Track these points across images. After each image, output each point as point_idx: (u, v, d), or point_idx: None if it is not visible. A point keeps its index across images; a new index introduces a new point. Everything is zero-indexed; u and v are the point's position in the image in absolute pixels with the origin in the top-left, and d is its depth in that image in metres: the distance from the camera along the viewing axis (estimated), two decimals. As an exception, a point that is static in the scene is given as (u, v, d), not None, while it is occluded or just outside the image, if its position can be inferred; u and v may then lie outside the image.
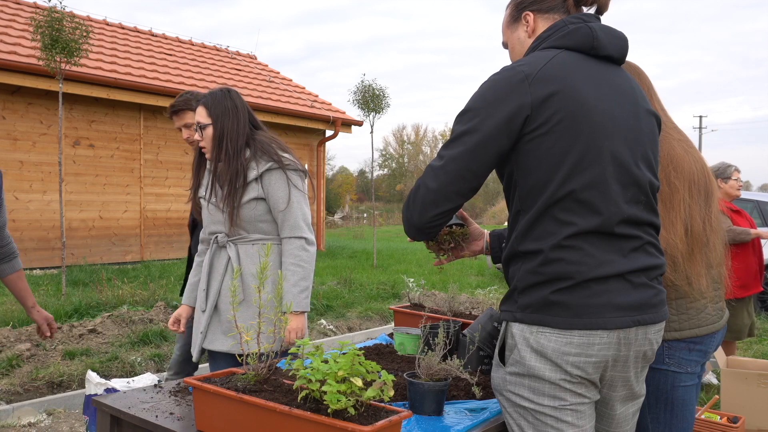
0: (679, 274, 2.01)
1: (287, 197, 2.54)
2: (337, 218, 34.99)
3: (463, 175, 1.60)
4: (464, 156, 1.58)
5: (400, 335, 2.37)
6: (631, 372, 1.65)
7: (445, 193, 1.62)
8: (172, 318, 2.74)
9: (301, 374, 1.42)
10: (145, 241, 10.61)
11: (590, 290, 1.53)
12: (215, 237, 2.58)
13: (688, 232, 2.01)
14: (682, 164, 2.04)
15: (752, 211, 8.28)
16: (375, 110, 11.60)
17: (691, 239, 2.02)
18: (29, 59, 8.41)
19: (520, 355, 1.59)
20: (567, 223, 1.54)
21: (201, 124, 2.56)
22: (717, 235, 2.09)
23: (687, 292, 2.04)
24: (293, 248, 2.54)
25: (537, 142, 1.55)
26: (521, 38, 1.78)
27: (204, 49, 14.29)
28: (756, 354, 6.13)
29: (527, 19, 1.75)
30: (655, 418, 2.05)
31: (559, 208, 1.54)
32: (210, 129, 2.56)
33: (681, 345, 2.04)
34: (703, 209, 2.06)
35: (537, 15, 1.74)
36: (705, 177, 2.09)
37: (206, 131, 2.56)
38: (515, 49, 1.80)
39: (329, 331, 6.76)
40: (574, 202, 1.54)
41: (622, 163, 1.58)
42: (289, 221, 2.54)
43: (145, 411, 1.76)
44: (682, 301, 2.04)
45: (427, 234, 1.74)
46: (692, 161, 2.08)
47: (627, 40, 1.71)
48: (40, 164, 9.20)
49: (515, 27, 1.79)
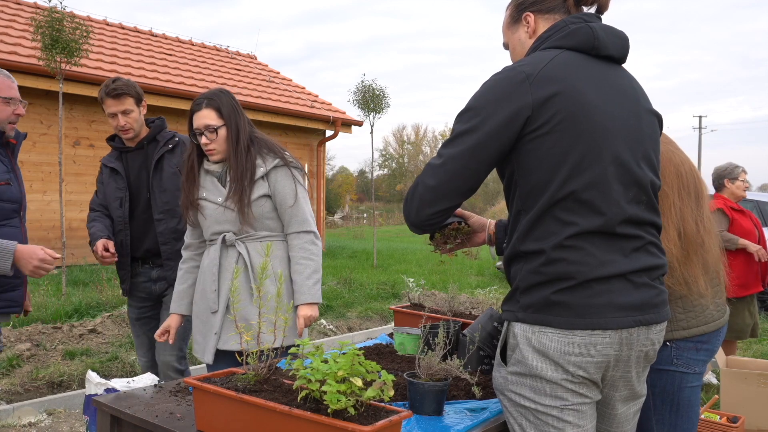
0: (675, 279, 2.01)
1: (294, 193, 2.60)
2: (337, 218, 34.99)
3: (463, 173, 1.60)
4: (464, 155, 1.59)
5: (400, 335, 2.37)
6: (633, 372, 1.65)
7: (443, 192, 1.62)
8: (160, 329, 2.71)
9: (301, 374, 1.42)
10: (145, 241, 10.60)
11: (592, 290, 1.53)
12: (222, 237, 2.58)
13: (682, 236, 2.01)
14: (668, 168, 2.04)
15: (752, 211, 8.27)
16: (375, 110, 11.60)
17: (685, 242, 2.02)
18: (29, 59, 8.40)
19: (522, 355, 1.59)
20: (569, 223, 1.54)
21: (213, 127, 2.54)
22: (711, 235, 2.09)
23: (686, 295, 2.04)
24: (303, 242, 2.59)
25: (538, 142, 1.55)
26: (522, 39, 1.78)
27: (204, 49, 14.29)
28: (756, 354, 6.13)
29: (527, 20, 1.75)
30: (660, 420, 2.04)
31: (561, 208, 1.54)
32: (224, 130, 2.56)
33: (689, 345, 2.03)
34: (695, 210, 2.06)
35: (537, 15, 1.74)
36: (694, 178, 2.09)
37: (220, 132, 2.55)
38: (516, 49, 1.80)
39: (329, 331, 6.76)
40: (576, 203, 1.54)
41: (623, 163, 1.58)
42: (297, 217, 2.60)
43: (145, 411, 1.76)
44: (687, 300, 2.04)
45: (425, 231, 1.76)
46: (679, 163, 2.08)
47: (628, 39, 1.71)
48: (40, 164, 9.20)
49: (516, 28, 1.79)
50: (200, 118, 2.55)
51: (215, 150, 2.56)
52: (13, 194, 2.78)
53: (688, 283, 2.02)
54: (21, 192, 2.87)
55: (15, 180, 2.86)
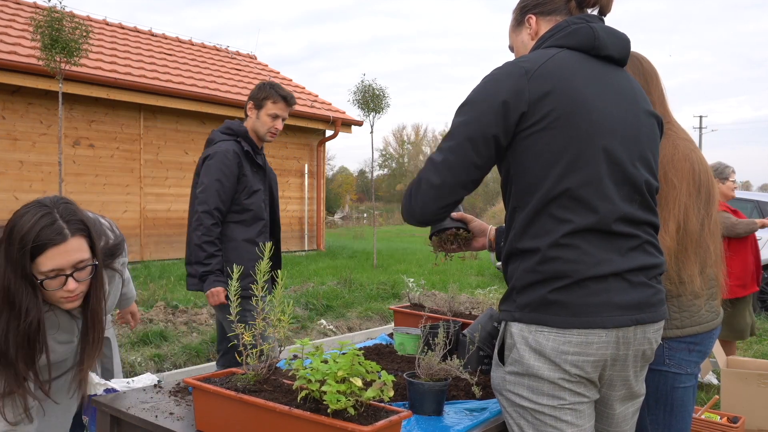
0: (667, 275, 2.00)
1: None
2: (337, 218, 34.98)
3: (465, 166, 1.61)
4: (463, 146, 1.59)
5: (400, 335, 2.37)
6: (631, 371, 1.65)
7: (448, 187, 1.63)
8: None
9: (301, 374, 1.42)
10: (145, 241, 10.61)
11: (588, 289, 1.53)
12: None
13: (681, 230, 2.01)
14: (683, 163, 2.04)
15: (752, 211, 8.29)
16: (375, 110, 11.59)
17: (684, 237, 2.01)
18: (29, 59, 8.40)
19: (519, 355, 1.59)
20: (564, 220, 1.54)
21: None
22: (715, 238, 2.09)
23: (681, 294, 2.04)
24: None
25: (533, 138, 1.55)
26: (525, 41, 1.80)
27: (204, 49, 14.29)
28: (756, 354, 6.14)
29: (530, 22, 1.77)
30: (655, 420, 2.05)
31: (556, 205, 1.55)
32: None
33: (681, 346, 2.04)
34: (702, 211, 2.05)
35: (539, 17, 1.76)
36: (708, 179, 2.08)
37: None
38: (519, 51, 1.83)
39: (329, 331, 6.76)
40: (570, 200, 1.54)
41: (617, 161, 1.59)
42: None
43: (145, 411, 1.76)
44: (683, 299, 2.04)
45: (429, 225, 1.79)
46: (696, 161, 2.07)
47: (629, 41, 1.72)
48: (40, 164, 9.20)
49: (519, 30, 1.81)
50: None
51: None
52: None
53: (683, 281, 2.02)
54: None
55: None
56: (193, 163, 11.02)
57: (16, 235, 1.69)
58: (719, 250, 2.11)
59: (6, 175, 8.86)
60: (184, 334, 5.81)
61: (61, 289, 1.75)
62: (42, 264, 1.70)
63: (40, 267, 1.71)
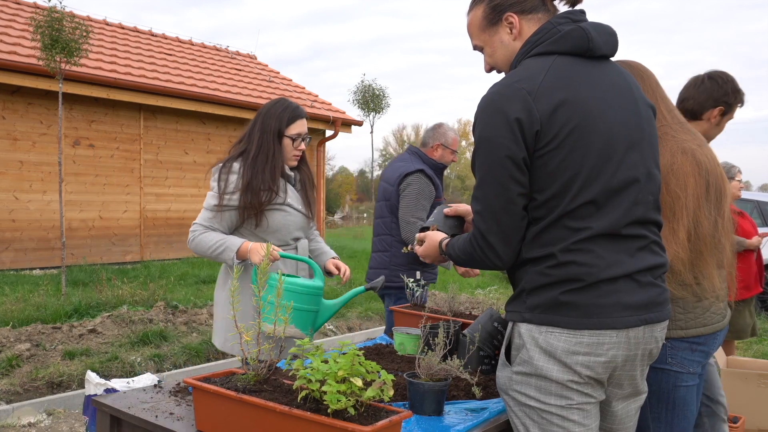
0: (680, 281, 1.99)
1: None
2: (337, 218, 34.97)
3: (508, 205, 1.58)
4: (499, 189, 1.57)
5: (400, 335, 2.37)
6: (638, 370, 1.66)
7: (506, 229, 1.59)
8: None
9: (301, 374, 1.42)
10: (144, 241, 10.61)
11: (599, 291, 1.53)
12: (297, 242, 2.73)
13: (692, 237, 1.99)
14: (683, 168, 2.02)
15: (752, 211, 8.29)
16: (375, 110, 11.62)
17: (697, 243, 2.00)
18: (29, 59, 8.40)
19: (529, 355, 1.59)
20: (578, 229, 1.55)
21: (307, 136, 2.71)
22: (728, 235, 2.08)
23: (698, 296, 2.03)
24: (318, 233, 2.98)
25: (548, 157, 1.54)
26: (504, 41, 1.72)
27: (204, 49, 14.29)
28: (756, 354, 6.14)
29: (510, 21, 1.69)
30: (657, 418, 2.05)
31: (571, 217, 1.55)
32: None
33: (684, 345, 2.04)
34: (714, 211, 2.03)
35: (520, 16, 1.68)
36: (717, 176, 2.06)
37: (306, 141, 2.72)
38: (497, 51, 1.74)
39: (329, 331, 6.76)
40: (587, 210, 1.54)
41: (630, 167, 1.59)
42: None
43: (145, 411, 1.76)
44: (688, 300, 2.03)
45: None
46: (704, 160, 2.05)
47: (617, 34, 1.69)
48: (40, 164, 9.20)
49: (495, 29, 1.72)
50: (304, 125, 2.66)
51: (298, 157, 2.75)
52: None
53: (700, 282, 2.01)
54: None
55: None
56: (193, 163, 11.05)
57: (277, 108, 2.64)
58: (731, 247, 2.11)
59: (6, 175, 8.86)
60: (184, 334, 5.81)
61: (294, 149, 2.66)
62: (292, 129, 2.63)
63: (291, 131, 2.63)
